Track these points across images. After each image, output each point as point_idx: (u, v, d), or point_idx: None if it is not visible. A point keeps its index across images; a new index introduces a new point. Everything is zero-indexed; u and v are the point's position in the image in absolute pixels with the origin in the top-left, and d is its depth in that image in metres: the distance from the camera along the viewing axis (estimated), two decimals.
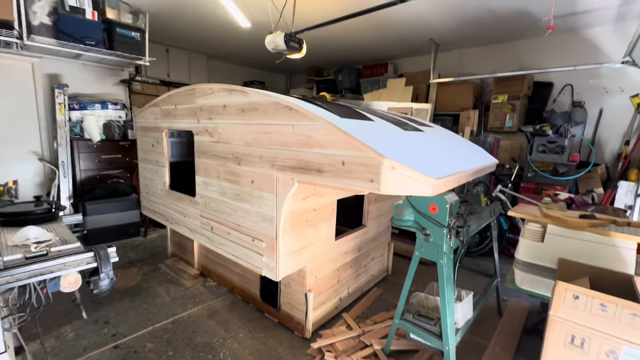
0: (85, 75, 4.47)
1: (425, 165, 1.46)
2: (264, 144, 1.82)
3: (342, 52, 5.83)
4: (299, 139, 1.62)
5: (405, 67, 6.01)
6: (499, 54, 4.84)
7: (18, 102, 4.06)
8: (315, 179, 1.57)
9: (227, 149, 2.09)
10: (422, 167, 1.39)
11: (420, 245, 1.82)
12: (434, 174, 1.39)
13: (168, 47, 5.89)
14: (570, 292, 1.08)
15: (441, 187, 1.44)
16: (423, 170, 1.35)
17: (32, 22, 3.39)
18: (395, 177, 1.32)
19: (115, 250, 1.42)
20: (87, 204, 3.79)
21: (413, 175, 1.32)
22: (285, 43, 3.24)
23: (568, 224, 1.31)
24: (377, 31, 4.64)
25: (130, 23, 3.88)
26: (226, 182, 2.14)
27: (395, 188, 1.33)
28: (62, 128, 3.98)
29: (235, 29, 4.66)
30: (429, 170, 1.40)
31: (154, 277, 3.14)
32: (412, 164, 1.36)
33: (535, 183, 3.97)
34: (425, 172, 1.35)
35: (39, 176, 4.29)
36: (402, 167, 1.31)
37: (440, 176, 1.41)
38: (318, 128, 1.52)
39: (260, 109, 1.80)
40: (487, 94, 4.98)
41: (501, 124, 4.52)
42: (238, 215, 2.08)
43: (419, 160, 1.49)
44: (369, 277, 2.98)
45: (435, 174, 1.39)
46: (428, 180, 1.34)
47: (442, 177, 1.42)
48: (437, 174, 1.41)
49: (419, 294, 2.09)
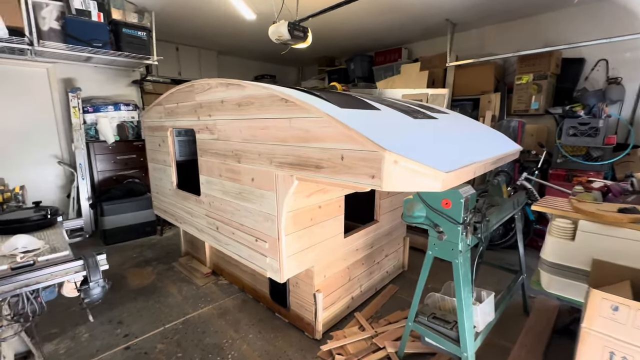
0: (98, 77, 4.53)
1: (434, 157, 1.31)
2: (261, 139, 1.72)
3: (353, 39, 5.61)
4: (296, 134, 1.50)
5: (421, 51, 5.71)
6: (522, 30, 4.47)
7: (36, 108, 4.19)
8: (315, 175, 1.46)
9: (226, 146, 2.01)
10: (430, 159, 1.25)
11: (433, 244, 1.67)
12: (443, 166, 1.24)
13: (178, 46, 5.89)
14: (607, 302, 0.92)
15: (452, 181, 1.29)
16: (431, 163, 1.20)
17: (41, 28, 3.44)
18: (398, 172, 1.18)
19: (105, 258, 1.38)
20: (104, 204, 3.87)
21: (419, 169, 1.18)
22: (289, 32, 3.10)
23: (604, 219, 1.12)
24: (388, 15, 4.40)
25: (136, 22, 3.87)
26: (228, 181, 2.06)
27: (399, 184, 1.19)
28: (77, 131, 4.07)
29: (242, 23, 4.56)
30: (438, 163, 1.25)
31: (167, 275, 3.16)
32: (419, 157, 1.22)
33: (565, 169, 3.66)
34: (434, 165, 1.20)
35: (60, 179, 4.44)
36: (407, 161, 1.16)
37: (451, 169, 1.25)
38: (315, 121, 1.40)
39: (257, 102, 1.70)
40: (510, 75, 4.63)
41: (526, 107, 4.19)
42: (241, 215, 2.01)
43: (427, 152, 1.34)
44: (383, 274, 2.86)
45: (445, 167, 1.24)
46: (437, 174, 1.19)
47: (454, 169, 1.26)
48: (448, 167, 1.25)
49: (434, 294, 1.95)
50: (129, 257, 3.63)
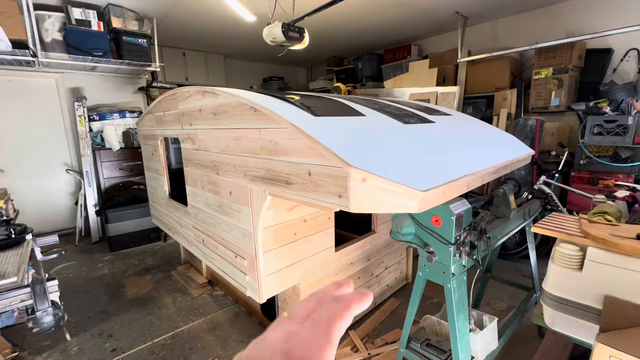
0: (104, 85, 4.61)
1: (415, 172, 1.14)
2: (235, 151, 1.61)
3: (361, 37, 5.43)
4: (266, 145, 1.38)
5: (431, 48, 5.44)
6: (540, 21, 4.13)
7: (47, 117, 4.30)
8: (285, 192, 1.32)
9: (206, 157, 1.91)
10: (407, 175, 1.08)
11: (423, 265, 1.50)
12: (422, 183, 1.07)
13: (184, 51, 5.93)
14: None
15: (435, 199, 1.11)
16: (405, 180, 1.04)
17: (45, 39, 3.50)
18: (367, 191, 1.02)
19: (57, 284, 1.30)
20: (108, 211, 3.91)
21: (391, 188, 1.02)
22: (283, 33, 2.98)
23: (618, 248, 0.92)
24: (395, 10, 4.19)
25: (137, 30, 3.87)
26: (209, 193, 1.97)
27: (368, 204, 1.04)
28: (83, 139, 4.14)
29: (245, 25, 4.50)
30: (416, 179, 1.08)
31: (164, 285, 3.13)
32: (393, 172, 1.06)
33: (589, 172, 3.32)
34: (409, 182, 1.03)
35: (70, 186, 4.54)
36: (376, 178, 1.01)
37: (433, 185, 1.08)
38: (282, 132, 1.27)
39: (229, 111, 1.59)
40: (527, 70, 4.30)
41: (545, 103, 3.87)
42: (222, 229, 1.91)
43: (408, 165, 1.18)
44: (383, 288, 2.68)
45: (424, 183, 1.07)
46: (411, 193, 1.02)
47: (436, 186, 1.09)
48: (428, 183, 1.08)
49: (430, 317, 1.77)
50: (131, 264, 3.64)
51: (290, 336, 0.24)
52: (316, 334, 0.24)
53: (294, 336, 0.24)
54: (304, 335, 0.24)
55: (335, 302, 0.27)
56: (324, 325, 0.24)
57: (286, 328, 0.25)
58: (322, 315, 0.26)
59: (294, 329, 0.25)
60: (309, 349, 0.23)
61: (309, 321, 0.26)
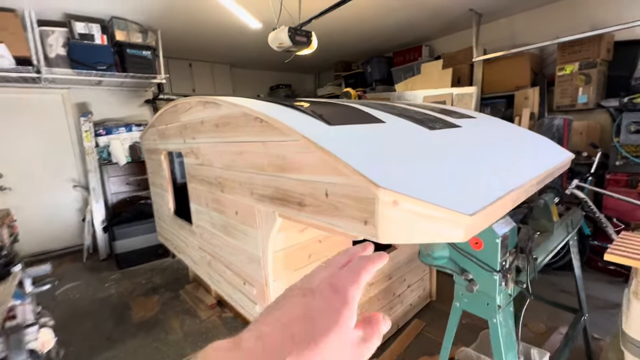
0: (111, 100, 4.55)
1: (455, 189, 0.94)
2: (240, 166, 1.44)
3: (368, 41, 5.27)
4: (273, 160, 1.20)
5: (443, 48, 5.23)
6: (562, 13, 3.89)
7: (54, 133, 4.26)
8: (298, 214, 1.14)
9: (210, 173, 1.75)
10: (448, 195, 0.88)
11: (461, 294, 1.28)
12: (468, 204, 0.87)
13: (191, 62, 5.87)
14: None
15: (481, 223, 0.91)
16: (449, 201, 0.84)
17: (49, 55, 3.45)
18: (399, 217, 0.83)
19: (36, 330, 1.14)
20: (115, 228, 3.80)
21: (429, 212, 0.82)
22: (290, 38, 2.84)
23: None
24: (404, 10, 4.02)
25: (141, 42, 3.80)
26: (214, 212, 1.80)
27: (399, 233, 0.84)
28: (90, 154, 4.07)
29: (250, 33, 4.38)
30: (460, 199, 0.88)
31: (172, 306, 2.97)
32: (431, 192, 0.86)
33: (627, 173, 3.04)
34: (453, 205, 0.83)
35: (78, 202, 4.48)
36: (411, 201, 0.81)
37: (480, 206, 0.88)
38: (291, 145, 1.09)
39: (232, 122, 1.42)
40: (549, 66, 4.04)
41: (572, 101, 3.60)
42: (228, 252, 1.73)
43: (445, 181, 0.98)
44: (405, 308, 2.45)
45: (470, 205, 0.87)
46: (456, 218, 0.82)
47: (484, 206, 0.89)
48: (475, 204, 0.88)
49: (467, 350, 1.54)
50: (139, 283, 3.50)
51: (334, 275, 0.33)
52: (351, 276, 0.33)
53: (336, 275, 0.33)
54: (343, 275, 0.33)
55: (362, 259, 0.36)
56: (356, 271, 0.33)
57: (330, 270, 0.35)
58: (354, 265, 0.35)
59: (335, 272, 0.34)
60: (345, 285, 0.32)
61: (345, 268, 0.35)
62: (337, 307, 0.30)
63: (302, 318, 0.29)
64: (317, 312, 0.29)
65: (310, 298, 0.31)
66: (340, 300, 0.30)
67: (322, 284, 0.32)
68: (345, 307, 0.30)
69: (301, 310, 0.29)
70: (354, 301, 0.31)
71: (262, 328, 0.29)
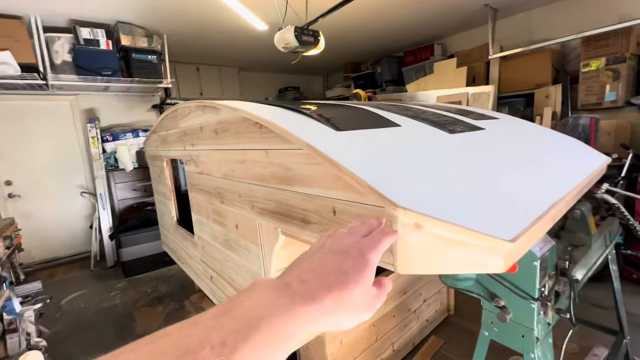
0: (118, 105, 4.53)
1: (490, 207, 0.79)
2: (240, 176, 1.31)
3: (378, 40, 5.11)
4: (276, 171, 1.07)
5: (456, 46, 5.03)
6: (585, 5, 3.65)
7: (63, 140, 4.25)
8: (301, 232, 1.00)
9: (210, 183, 1.63)
10: (482, 214, 0.73)
11: (490, 322, 1.12)
12: (506, 225, 0.71)
13: (198, 66, 5.83)
14: None
15: (522, 249, 0.76)
16: (483, 224, 0.69)
17: (55, 62, 3.42)
18: (422, 243, 0.68)
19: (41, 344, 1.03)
20: (121, 235, 3.74)
21: (462, 238, 0.67)
22: (296, 38, 2.71)
23: None
24: (414, 7, 3.85)
25: (146, 47, 3.75)
26: (215, 224, 1.68)
27: (423, 262, 0.69)
28: (97, 161, 4.04)
29: (257, 35, 4.29)
30: (495, 219, 0.73)
31: (177, 317, 2.87)
32: (459, 212, 0.71)
33: None
34: (487, 227, 0.68)
35: (87, 208, 4.45)
36: (437, 224, 0.66)
37: (520, 229, 0.72)
38: (295, 154, 0.95)
39: (232, 128, 1.30)
40: (572, 62, 3.81)
41: (598, 99, 3.37)
42: (230, 268, 1.61)
43: (478, 197, 0.82)
44: (422, 324, 2.28)
45: (508, 227, 0.71)
46: (493, 244, 0.67)
47: (525, 229, 0.73)
48: (513, 226, 0.73)
49: None
50: (144, 292, 3.43)
51: (360, 242, 0.42)
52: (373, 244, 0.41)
53: (362, 242, 0.42)
54: (367, 243, 0.41)
55: (380, 233, 0.44)
56: (377, 242, 0.42)
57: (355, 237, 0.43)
58: (375, 236, 0.43)
59: (360, 239, 0.42)
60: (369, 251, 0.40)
61: (367, 238, 0.43)
62: (363, 267, 0.38)
63: (337, 271, 0.37)
64: (347, 268, 0.37)
65: (343, 257, 0.39)
66: (365, 262, 0.39)
67: (352, 247, 0.40)
68: (368, 267, 0.38)
69: (335, 265, 0.38)
70: (374, 264, 0.39)
71: (303, 275, 0.37)
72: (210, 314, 0.32)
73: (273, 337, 0.30)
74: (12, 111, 3.87)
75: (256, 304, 0.33)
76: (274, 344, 0.30)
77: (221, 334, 0.29)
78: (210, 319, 0.31)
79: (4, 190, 3.94)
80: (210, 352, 0.27)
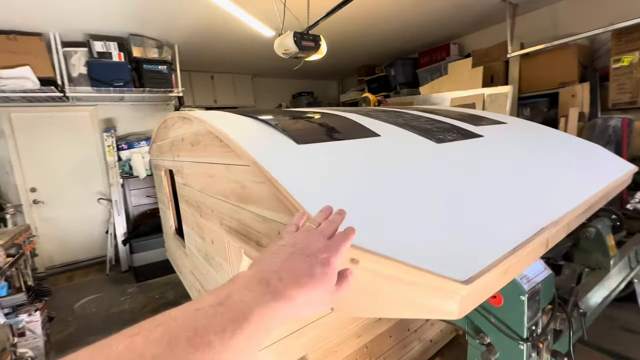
0: (134, 114, 4.68)
1: (453, 237, 0.67)
2: (211, 191, 1.25)
3: (392, 41, 4.96)
4: (234, 188, 1.00)
5: (474, 45, 4.78)
6: None
7: (83, 149, 4.45)
8: (256, 254, 0.92)
9: (192, 195, 1.59)
10: (439, 247, 0.62)
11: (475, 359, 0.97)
12: (463, 264, 0.59)
13: (212, 74, 5.94)
14: None
15: (490, 286, 0.63)
16: (436, 259, 0.57)
17: (72, 75, 3.59)
18: (363, 281, 0.58)
19: None
20: (133, 241, 3.84)
21: (405, 277, 0.56)
22: (295, 44, 2.66)
23: None
24: (429, 6, 3.69)
25: (156, 57, 3.85)
26: (198, 237, 1.64)
27: (362, 304, 0.59)
28: (112, 169, 4.19)
29: (266, 42, 4.29)
30: (451, 256, 0.61)
31: None
32: (415, 242, 0.60)
33: None
34: (440, 265, 0.56)
35: (104, 214, 4.63)
36: (376, 259, 0.56)
37: (479, 268, 0.59)
38: (245, 171, 0.88)
39: (202, 141, 1.25)
40: (602, 58, 3.49)
41: (632, 97, 3.04)
42: (209, 283, 1.56)
43: (441, 224, 0.70)
44: (425, 345, 2.12)
45: (466, 266, 0.59)
46: (446, 286, 0.55)
47: (486, 267, 0.60)
48: (473, 264, 0.60)
49: None
50: (152, 298, 3.48)
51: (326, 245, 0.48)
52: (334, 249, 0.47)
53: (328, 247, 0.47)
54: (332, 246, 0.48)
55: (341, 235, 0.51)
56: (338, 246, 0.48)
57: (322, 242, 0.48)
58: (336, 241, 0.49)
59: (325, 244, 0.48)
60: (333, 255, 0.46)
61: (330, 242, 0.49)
62: (327, 270, 0.45)
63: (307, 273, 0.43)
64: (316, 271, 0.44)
65: (313, 260, 0.45)
66: (329, 266, 0.45)
67: (320, 252, 0.46)
68: (332, 271, 0.45)
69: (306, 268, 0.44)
70: (337, 268, 0.47)
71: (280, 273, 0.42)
72: (207, 303, 0.36)
73: (259, 327, 0.36)
74: (36, 122, 4.10)
75: (245, 297, 0.38)
76: (259, 332, 0.36)
77: (221, 322, 0.34)
78: (208, 308, 0.36)
79: (29, 197, 4.17)
80: (214, 336, 0.33)
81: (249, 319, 0.35)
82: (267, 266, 0.44)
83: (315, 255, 0.45)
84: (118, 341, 0.33)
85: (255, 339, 0.36)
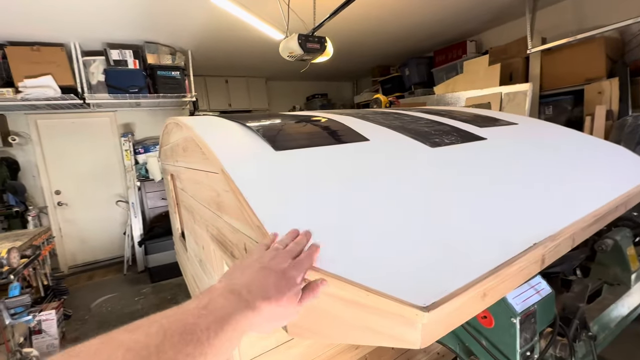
0: (151, 119, 4.83)
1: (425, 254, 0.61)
2: (198, 197, 1.24)
3: (405, 40, 4.83)
4: (213, 196, 0.97)
5: (492, 41, 4.57)
6: None
7: (104, 153, 4.64)
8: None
9: (187, 200, 1.59)
10: (399, 270, 0.56)
11: None
12: (428, 287, 0.53)
13: (227, 78, 6.03)
14: None
15: (463, 313, 0.56)
16: (394, 284, 0.51)
17: (91, 82, 3.74)
18: (318, 304, 0.53)
19: None
20: (147, 243, 3.94)
21: (362, 301, 0.51)
22: (300, 46, 2.63)
23: None
24: (444, 2, 3.56)
25: (170, 63, 3.94)
26: (194, 242, 1.64)
27: (318, 328, 0.54)
28: (129, 172, 4.33)
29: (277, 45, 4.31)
30: (416, 277, 0.55)
31: None
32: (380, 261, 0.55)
33: None
34: (399, 290, 0.51)
35: (123, 216, 4.79)
36: (334, 281, 0.51)
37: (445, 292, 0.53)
38: (217, 179, 0.85)
39: (190, 147, 1.24)
40: (632, 51, 3.23)
41: None
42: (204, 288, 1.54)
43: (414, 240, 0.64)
44: (432, 357, 2.01)
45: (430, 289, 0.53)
46: (405, 313, 0.49)
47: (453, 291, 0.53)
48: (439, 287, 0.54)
49: None
50: (164, 298, 3.56)
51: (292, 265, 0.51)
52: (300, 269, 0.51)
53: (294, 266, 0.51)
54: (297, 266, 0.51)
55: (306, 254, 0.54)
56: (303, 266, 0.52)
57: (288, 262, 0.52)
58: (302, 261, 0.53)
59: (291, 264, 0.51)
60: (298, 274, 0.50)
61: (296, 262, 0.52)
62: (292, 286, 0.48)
63: (274, 288, 0.47)
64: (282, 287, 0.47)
65: (280, 276, 0.49)
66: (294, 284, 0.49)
67: (287, 270, 0.50)
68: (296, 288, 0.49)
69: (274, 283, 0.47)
70: (301, 284, 0.50)
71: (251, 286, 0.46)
72: (192, 306, 0.43)
73: (235, 329, 0.41)
74: (60, 128, 4.32)
75: (223, 304, 0.43)
76: (236, 334, 0.41)
77: (206, 322, 0.39)
78: (193, 310, 0.42)
79: (54, 199, 4.39)
80: (201, 333, 0.38)
81: (229, 322, 0.41)
82: (237, 279, 0.48)
83: (283, 272, 0.49)
84: (121, 335, 0.38)
85: (233, 339, 0.41)
